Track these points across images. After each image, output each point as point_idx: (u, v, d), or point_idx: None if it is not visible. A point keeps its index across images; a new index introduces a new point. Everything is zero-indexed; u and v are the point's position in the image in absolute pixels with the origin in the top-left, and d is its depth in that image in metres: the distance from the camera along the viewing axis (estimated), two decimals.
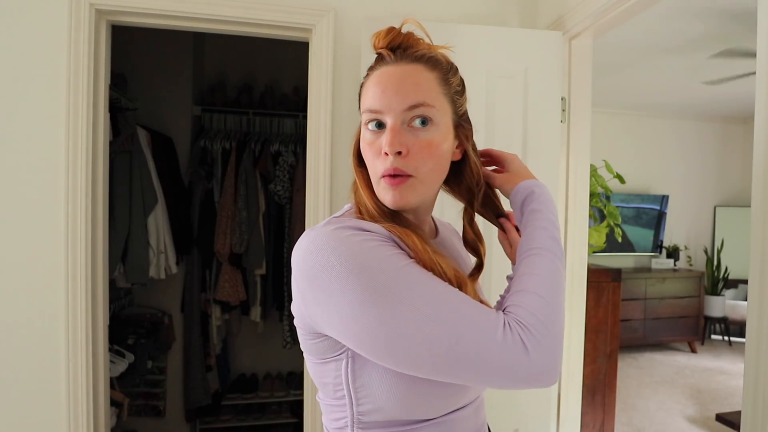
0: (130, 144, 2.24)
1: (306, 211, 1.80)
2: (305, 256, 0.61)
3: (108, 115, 1.71)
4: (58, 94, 1.56)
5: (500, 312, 0.60)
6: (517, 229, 0.81)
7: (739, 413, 1.09)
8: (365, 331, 0.58)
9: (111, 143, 1.92)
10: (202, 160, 2.77)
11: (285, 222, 2.84)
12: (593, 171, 2.33)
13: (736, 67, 3.55)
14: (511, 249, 0.82)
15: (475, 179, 0.76)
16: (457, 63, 0.77)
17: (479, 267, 0.79)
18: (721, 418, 2.30)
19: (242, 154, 2.77)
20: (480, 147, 0.82)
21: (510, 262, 0.83)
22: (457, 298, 0.59)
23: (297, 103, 2.99)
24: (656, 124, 5.33)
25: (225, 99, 2.94)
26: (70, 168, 1.57)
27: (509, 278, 0.81)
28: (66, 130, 1.56)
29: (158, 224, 2.37)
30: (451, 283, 0.63)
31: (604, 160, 2.87)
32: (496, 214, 0.83)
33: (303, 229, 2.61)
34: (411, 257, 0.63)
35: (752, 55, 3.20)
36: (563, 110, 1.75)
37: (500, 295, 0.84)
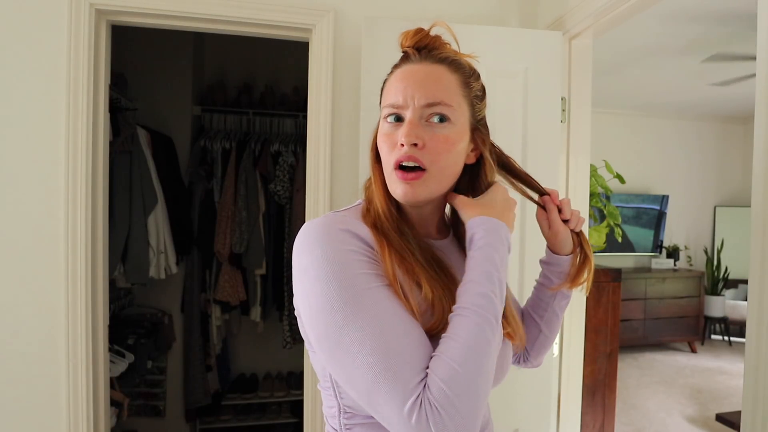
0: (130, 144, 2.24)
1: (306, 211, 1.80)
2: (295, 250, 0.66)
3: (108, 115, 1.70)
4: (58, 94, 1.56)
5: (423, 381, 0.56)
6: (560, 210, 0.82)
7: (739, 413, 1.09)
8: (316, 337, 0.62)
9: (111, 143, 1.92)
10: (202, 160, 2.77)
11: (285, 222, 2.84)
12: (593, 171, 2.32)
13: (737, 69, 3.55)
14: (549, 230, 0.83)
15: (491, 185, 0.77)
16: None
17: None
18: (721, 418, 2.30)
19: (242, 154, 2.77)
20: None
21: (544, 242, 0.87)
22: (396, 347, 0.57)
23: (297, 103, 2.99)
24: (656, 124, 5.33)
25: (225, 99, 2.94)
26: (70, 168, 1.57)
27: (542, 262, 0.87)
28: (66, 130, 1.56)
29: (158, 224, 2.37)
30: (429, 303, 0.64)
31: (604, 160, 2.87)
32: (538, 193, 0.84)
33: None
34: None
35: (750, 57, 3.20)
36: (563, 110, 1.75)
37: (536, 280, 0.89)
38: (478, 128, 0.75)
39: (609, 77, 3.99)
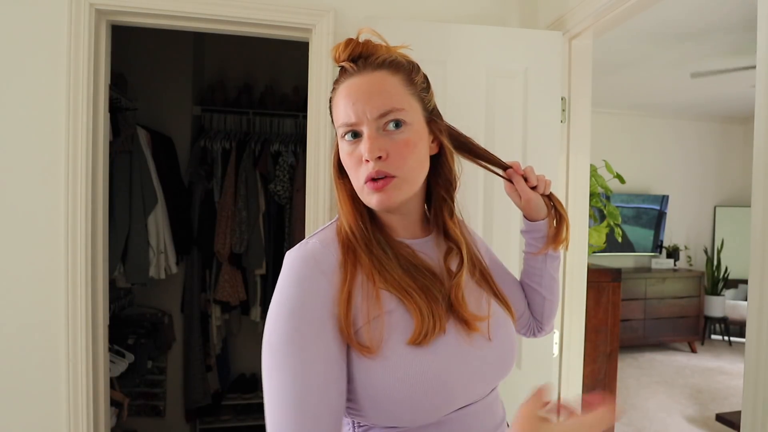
0: (130, 144, 2.24)
1: (306, 211, 1.80)
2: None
3: (108, 115, 1.70)
4: (58, 94, 1.56)
5: None
6: (526, 180, 0.84)
7: (739, 413, 1.09)
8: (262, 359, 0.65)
9: (111, 143, 1.92)
10: (202, 160, 2.77)
11: (285, 222, 2.84)
12: (593, 171, 2.33)
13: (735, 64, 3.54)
14: (521, 200, 0.86)
15: (453, 171, 0.78)
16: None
17: (462, 263, 0.76)
18: (721, 418, 2.30)
19: (242, 154, 2.77)
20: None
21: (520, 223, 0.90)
22: (304, 415, 0.60)
23: (297, 103, 2.99)
24: (656, 124, 5.33)
25: (225, 99, 2.94)
26: (70, 168, 1.56)
27: (523, 232, 0.91)
28: (66, 130, 1.56)
29: (158, 224, 2.37)
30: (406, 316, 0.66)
31: (604, 160, 2.87)
32: (502, 168, 0.86)
33: (303, 229, 2.61)
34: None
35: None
36: (563, 110, 1.75)
37: (523, 251, 0.93)
38: (432, 119, 0.75)
39: (609, 77, 3.99)
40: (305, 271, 0.66)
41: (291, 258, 0.68)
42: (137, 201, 2.27)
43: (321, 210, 1.75)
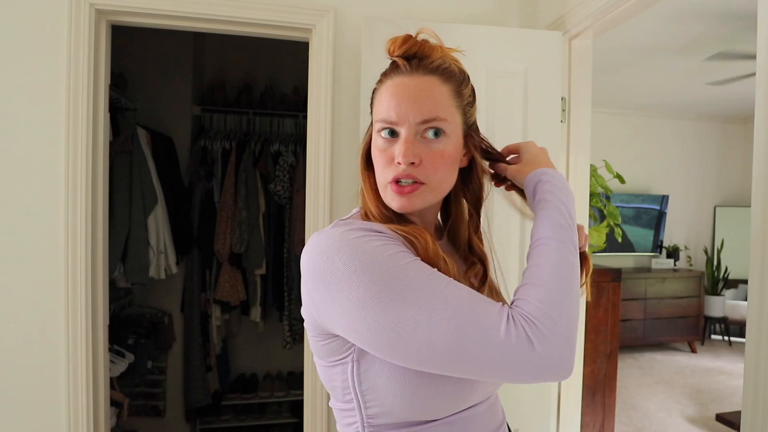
0: (130, 144, 2.24)
1: (306, 211, 1.80)
2: (311, 259, 0.63)
3: (108, 115, 1.70)
4: (58, 94, 1.56)
5: (505, 306, 0.59)
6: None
7: (739, 413, 1.09)
8: (370, 330, 0.58)
9: (111, 143, 1.92)
10: (202, 160, 2.77)
11: (285, 222, 2.84)
12: (593, 171, 2.32)
13: (737, 68, 3.55)
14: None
15: (483, 187, 0.78)
16: None
17: (485, 277, 0.77)
18: (721, 418, 2.30)
19: (242, 154, 2.78)
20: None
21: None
22: (460, 293, 0.59)
23: (297, 103, 2.99)
24: (656, 124, 5.33)
25: (225, 99, 2.94)
26: (70, 168, 1.57)
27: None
28: (66, 130, 1.56)
29: (158, 224, 2.37)
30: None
31: (604, 160, 2.87)
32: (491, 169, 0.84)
33: (303, 229, 2.62)
34: (417, 255, 0.64)
35: (751, 56, 3.20)
36: (563, 110, 1.75)
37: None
38: (470, 134, 0.75)
39: (609, 77, 3.99)
40: (356, 231, 0.63)
41: (329, 231, 0.64)
42: (137, 201, 2.27)
43: (321, 210, 1.75)
